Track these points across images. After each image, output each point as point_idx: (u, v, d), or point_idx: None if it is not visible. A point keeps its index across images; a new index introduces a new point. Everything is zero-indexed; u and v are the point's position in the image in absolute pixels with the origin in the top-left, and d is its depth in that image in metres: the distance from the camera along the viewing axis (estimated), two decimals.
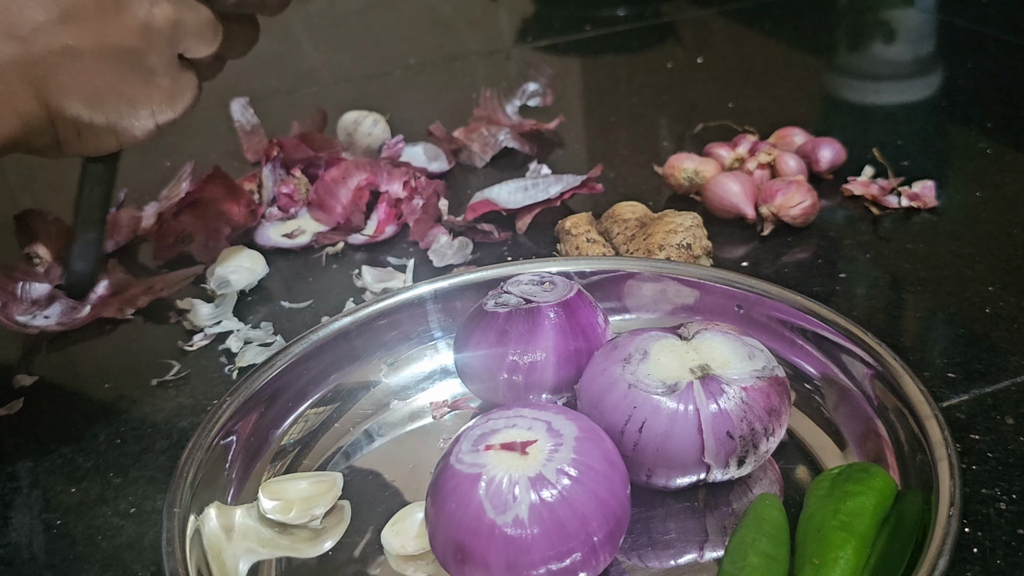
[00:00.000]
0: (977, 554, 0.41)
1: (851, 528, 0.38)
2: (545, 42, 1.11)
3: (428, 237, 0.67)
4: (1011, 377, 0.51)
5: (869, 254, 0.63)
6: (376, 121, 0.80)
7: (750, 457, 0.42)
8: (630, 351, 0.43)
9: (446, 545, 0.38)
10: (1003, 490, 0.44)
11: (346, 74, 1.07)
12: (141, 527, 0.46)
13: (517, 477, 0.37)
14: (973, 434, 0.47)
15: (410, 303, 0.53)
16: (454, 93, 0.97)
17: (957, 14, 1.06)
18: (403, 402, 0.51)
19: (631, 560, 0.41)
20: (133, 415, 0.54)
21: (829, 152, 0.72)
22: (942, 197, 0.68)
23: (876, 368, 0.45)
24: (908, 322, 0.57)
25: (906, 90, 0.93)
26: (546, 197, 0.69)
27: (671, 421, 0.41)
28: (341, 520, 0.44)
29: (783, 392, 0.43)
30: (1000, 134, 0.79)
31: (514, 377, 0.46)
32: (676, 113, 0.89)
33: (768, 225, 0.65)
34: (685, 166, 0.70)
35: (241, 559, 0.42)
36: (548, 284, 0.49)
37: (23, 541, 0.46)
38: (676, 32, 1.12)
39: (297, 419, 0.49)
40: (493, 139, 0.80)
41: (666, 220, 0.61)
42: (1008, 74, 0.92)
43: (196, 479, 0.42)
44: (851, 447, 0.45)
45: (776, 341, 0.49)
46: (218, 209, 0.68)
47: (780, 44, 1.08)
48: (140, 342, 0.60)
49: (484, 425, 0.40)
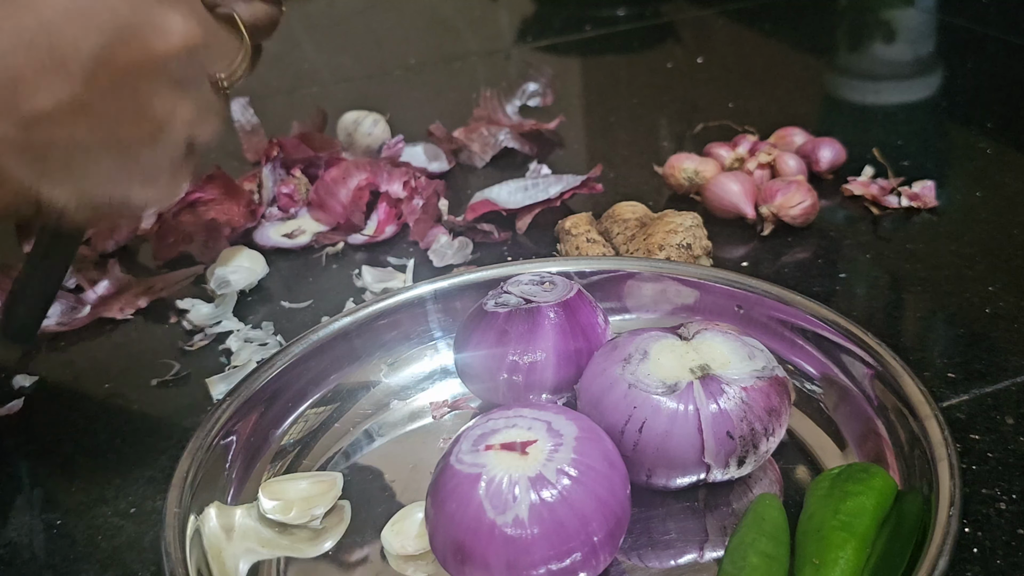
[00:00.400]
0: (977, 554, 0.41)
1: (851, 528, 0.38)
2: (545, 42, 1.11)
3: (428, 237, 0.67)
4: (1011, 377, 0.51)
5: (869, 254, 0.63)
6: (376, 121, 0.80)
7: (750, 457, 0.42)
8: (630, 351, 0.43)
9: (446, 545, 0.38)
10: (1003, 490, 0.44)
11: (346, 74, 1.07)
12: (141, 527, 0.46)
13: (517, 477, 0.37)
14: (973, 434, 0.47)
15: (410, 303, 0.53)
16: (454, 93, 0.97)
17: (957, 14, 1.06)
18: (403, 402, 0.51)
19: (631, 560, 0.41)
20: (133, 415, 0.54)
21: (829, 152, 0.72)
22: (942, 197, 0.68)
23: (876, 368, 0.45)
24: (908, 322, 0.57)
25: (906, 90, 0.93)
26: (546, 197, 0.69)
27: (671, 421, 0.41)
28: (341, 520, 0.44)
29: (783, 392, 0.43)
30: (1000, 134, 0.79)
31: (514, 377, 0.46)
32: (676, 113, 0.89)
33: (768, 225, 0.65)
34: (685, 166, 0.70)
35: (241, 559, 0.42)
36: (548, 284, 0.49)
37: (23, 541, 0.46)
38: (676, 32, 1.12)
39: (297, 419, 0.49)
40: (493, 139, 0.80)
41: (666, 220, 0.61)
42: (1008, 74, 0.92)
43: (196, 479, 0.42)
44: (851, 447, 0.45)
45: (776, 341, 0.49)
46: (218, 209, 0.68)
47: (780, 44, 1.08)
48: (140, 342, 0.60)
49: (484, 425, 0.40)
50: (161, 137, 0.44)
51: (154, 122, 0.43)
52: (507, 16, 1.25)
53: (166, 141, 0.44)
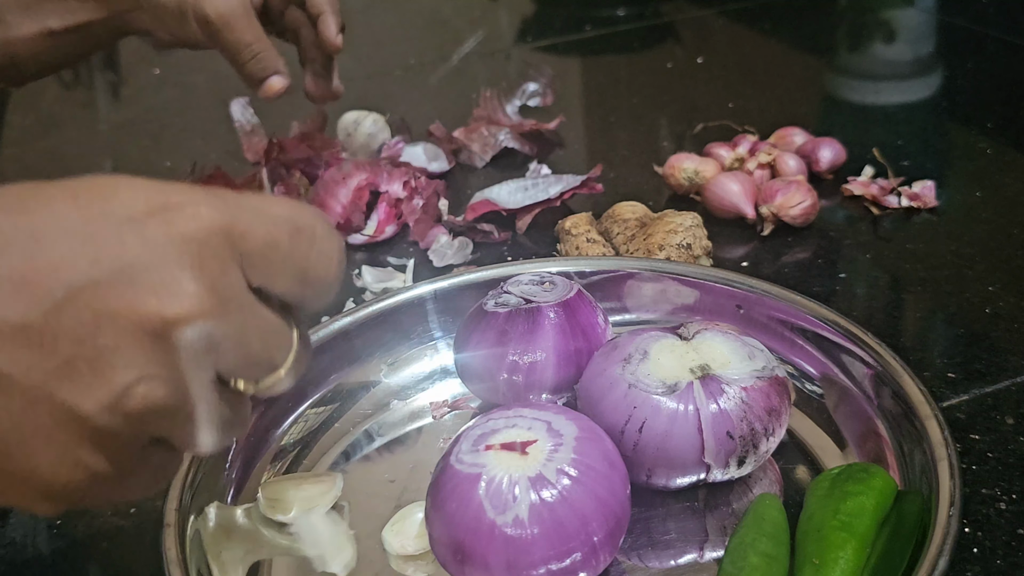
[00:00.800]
0: (977, 554, 0.41)
1: (851, 528, 0.38)
2: (545, 42, 1.11)
3: (428, 237, 0.67)
4: (1011, 377, 0.51)
5: (869, 254, 0.63)
6: (376, 121, 0.80)
7: (750, 457, 0.42)
8: (630, 351, 0.43)
9: (446, 545, 0.38)
10: (1003, 490, 0.44)
11: (346, 74, 1.07)
12: (141, 527, 0.46)
13: (517, 477, 0.37)
14: (973, 434, 0.47)
15: (410, 303, 0.53)
16: (454, 93, 0.97)
17: (957, 14, 1.06)
18: (403, 402, 0.51)
19: (631, 560, 0.41)
20: None
21: (829, 152, 0.72)
22: (942, 197, 0.68)
23: (876, 368, 0.45)
24: (908, 322, 0.57)
25: (906, 90, 0.93)
26: (546, 197, 0.69)
27: (671, 421, 0.41)
28: (341, 520, 0.44)
29: (783, 392, 0.43)
30: (1000, 134, 0.79)
31: (514, 377, 0.46)
32: (676, 113, 0.89)
33: (768, 225, 0.65)
34: (685, 166, 0.70)
35: (241, 559, 0.42)
36: (548, 284, 0.49)
37: (24, 541, 0.46)
38: (676, 32, 1.12)
39: (297, 419, 0.49)
40: (493, 139, 0.80)
41: (666, 220, 0.61)
42: (1008, 74, 0.92)
43: (196, 479, 0.42)
44: (851, 447, 0.45)
45: (776, 341, 0.49)
46: None
47: (780, 44, 1.08)
48: None
49: (484, 425, 0.40)
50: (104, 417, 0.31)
51: (104, 391, 0.31)
52: (507, 16, 1.25)
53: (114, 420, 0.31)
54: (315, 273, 0.34)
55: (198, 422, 0.33)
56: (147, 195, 0.32)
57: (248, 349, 0.33)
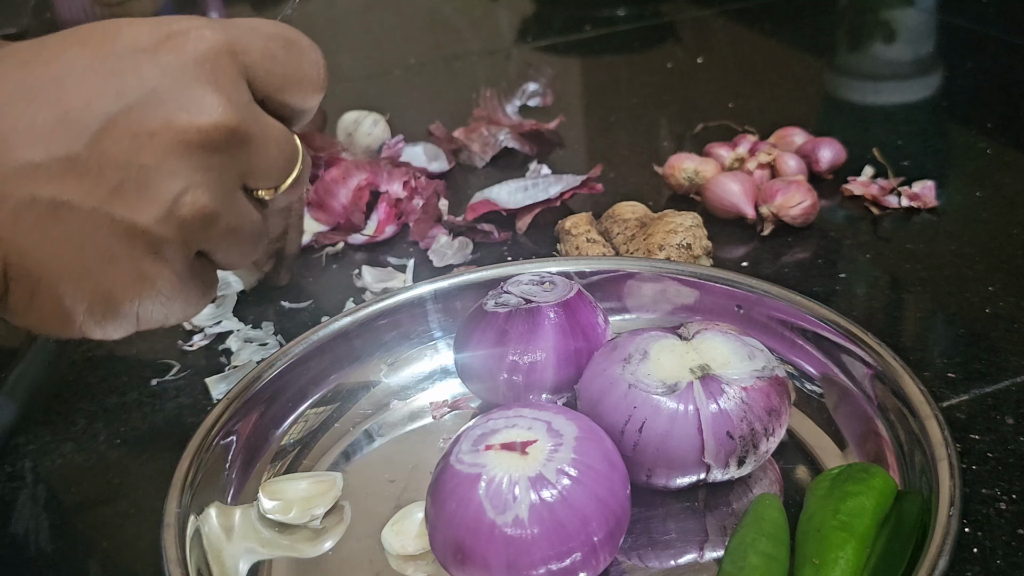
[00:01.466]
0: (977, 554, 0.41)
1: (851, 528, 0.38)
2: (545, 42, 1.11)
3: (428, 237, 0.67)
4: (1011, 377, 0.51)
5: (869, 254, 0.63)
6: (377, 121, 0.80)
7: (750, 457, 0.42)
8: (630, 351, 0.43)
9: (446, 545, 0.38)
10: (1003, 490, 0.44)
11: (346, 74, 1.07)
12: (141, 527, 0.46)
13: (517, 477, 0.37)
14: (973, 434, 0.47)
15: (410, 303, 0.53)
16: (454, 93, 0.97)
17: (957, 14, 1.06)
18: (403, 402, 0.51)
19: (631, 560, 0.41)
20: (133, 415, 0.54)
21: (829, 152, 0.72)
22: (942, 197, 0.68)
23: (876, 368, 0.45)
24: (908, 322, 0.57)
25: (906, 90, 0.93)
26: (546, 197, 0.69)
27: (671, 421, 0.41)
28: (341, 520, 0.44)
29: (783, 392, 0.43)
30: (1000, 134, 0.79)
31: (514, 377, 0.46)
32: (676, 113, 0.89)
33: (768, 225, 0.65)
34: (685, 166, 0.70)
35: (241, 559, 0.42)
36: (548, 284, 0.49)
37: (23, 541, 0.46)
38: (676, 32, 1.12)
39: (297, 419, 0.49)
40: (493, 139, 0.80)
41: (666, 220, 0.61)
42: (1008, 74, 0.92)
43: (196, 479, 0.42)
44: (851, 447, 0.45)
45: (776, 341, 0.49)
46: None
47: (780, 44, 1.08)
48: (140, 342, 0.60)
49: (484, 425, 0.40)
50: (164, 224, 0.35)
51: (157, 205, 0.34)
52: (507, 16, 1.25)
53: (168, 230, 0.35)
54: (309, 80, 0.39)
55: (235, 229, 0.37)
56: (149, 28, 0.35)
57: (267, 153, 0.37)
